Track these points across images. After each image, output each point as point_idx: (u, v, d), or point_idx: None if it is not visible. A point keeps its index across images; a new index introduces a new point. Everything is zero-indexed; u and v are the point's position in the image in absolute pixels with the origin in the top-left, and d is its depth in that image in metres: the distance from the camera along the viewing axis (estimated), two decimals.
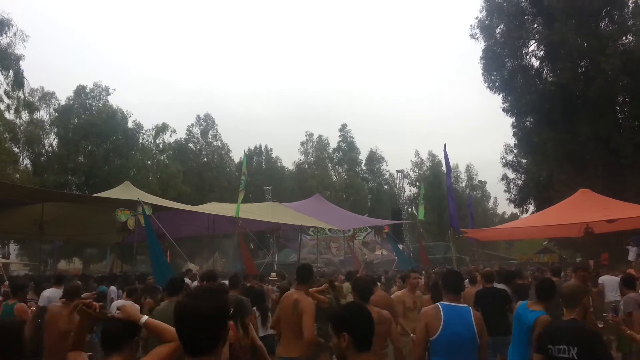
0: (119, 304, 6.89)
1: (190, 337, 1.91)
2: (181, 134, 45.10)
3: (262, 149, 52.24)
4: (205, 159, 45.50)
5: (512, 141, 29.54)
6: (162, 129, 38.60)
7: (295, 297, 4.99)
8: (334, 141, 56.36)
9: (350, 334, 2.27)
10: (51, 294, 7.45)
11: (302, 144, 55.87)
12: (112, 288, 11.75)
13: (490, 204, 63.87)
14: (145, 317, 2.49)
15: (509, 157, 30.56)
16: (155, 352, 2.35)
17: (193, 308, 1.91)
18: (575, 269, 6.76)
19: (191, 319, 1.90)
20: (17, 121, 30.98)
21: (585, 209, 14.56)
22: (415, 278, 6.94)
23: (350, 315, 2.36)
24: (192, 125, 47.09)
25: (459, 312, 3.79)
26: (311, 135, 56.15)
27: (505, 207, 59.72)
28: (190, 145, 46.25)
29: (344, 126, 56.66)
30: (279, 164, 52.70)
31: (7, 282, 10.36)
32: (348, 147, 56.11)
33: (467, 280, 10.32)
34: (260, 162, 51.03)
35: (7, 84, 23.55)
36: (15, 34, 22.99)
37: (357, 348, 2.26)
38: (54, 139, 34.22)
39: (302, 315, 4.81)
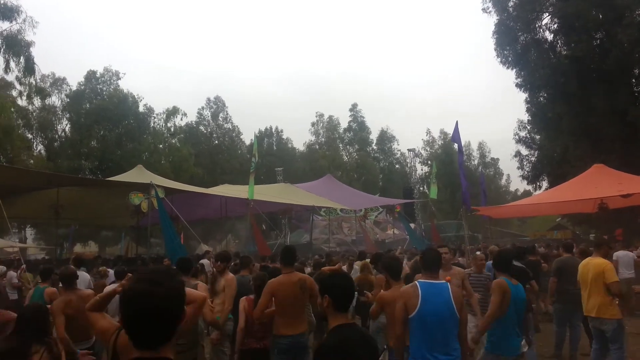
0: (114, 286, 6.96)
1: (142, 328, 1.62)
2: (192, 117, 45.24)
3: (273, 130, 52.17)
4: (217, 142, 45.63)
5: (525, 117, 29.19)
6: (173, 112, 38.69)
7: (298, 277, 5.14)
8: (344, 121, 56.14)
9: (330, 296, 2.68)
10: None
11: (313, 124, 55.71)
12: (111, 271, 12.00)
13: (503, 181, 63.41)
14: None
15: (522, 134, 30.22)
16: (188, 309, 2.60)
17: (147, 293, 1.62)
18: (598, 244, 6.49)
19: (144, 307, 1.61)
20: (30, 107, 31.24)
21: (600, 184, 14.40)
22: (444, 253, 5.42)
23: (332, 281, 2.77)
24: (203, 108, 47.17)
25: (437, 288, 3.83)
26: (322, 115, 55.93)
27: (518, 184, 59.45)
28: (201, 128, 46.33)
29: (354, 106, 56.29)
30: (289, 145, 52.67)
31: (24, 266, 10.54)
32: (359, 126, 55.79)
33: None
34: (271, 144, 51.00)
35: (19, 71, 23.59)
36: (24, 20, 22.94)
37: (336, 308, 2.67)
38: (67, 124, 34.52)
39: (313, 290, 4.95)
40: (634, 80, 23.41)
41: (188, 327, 3.88)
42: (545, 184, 28.57)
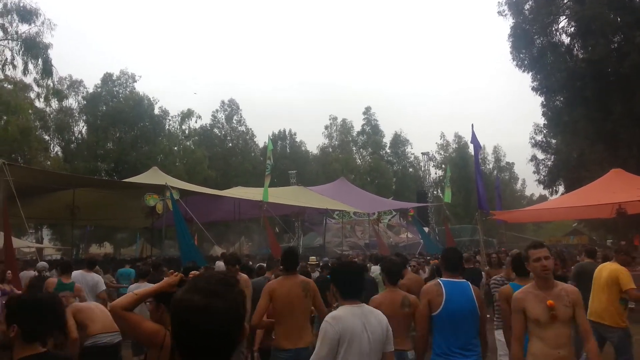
0: (134, 287, 6.96)
1: (197, 348, 1.36)
2: (206, 120, 45.52)
3: (287, 133, 52.26)
4: (230, 144, 45.82)
5: (541, 121, 28.92)
6: (187, 115, 39.00)
7: (300, 279, 4.59)
8: (358, 124, 56.10)
9: (19, 325, 2.33)
10: (80, 275, 7.65)
11: (326, 127, 55.79)
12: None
13: (519, 185, 62.83)
14: None
15: (538, 137, 29.97)
16: None
17: (203, 308, 1.36)
18: (617, 251, 6.23)
19: (200, 325, 1.35)
20: (47, 109, 31.58)
21: (618, 189, 14.19)
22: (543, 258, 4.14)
23: (19, 307, 2.42)
24: (217, 110, 47.43)
25: (460, 287, 3.91)
26: (335, 118, 56.02)
27: (533, 188, 58.77)
28: (215, 130, 46.58)
29: (367, 109, 56.26)
30: (303, 148, 52.72)
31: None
32: (372, 130, 55.70)
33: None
34: (284, 147, 51.09)
35: (37, 73, 23.87)
36: (43, 22, 23.21)
37: (26, 340, 2.31)
38: (83, 127, 34.93)
39: (315, 298, 4.56)
40: None
41: None
42: (561, 189, 28.31)
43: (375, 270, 9.64)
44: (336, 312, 3.02)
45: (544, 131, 29.53)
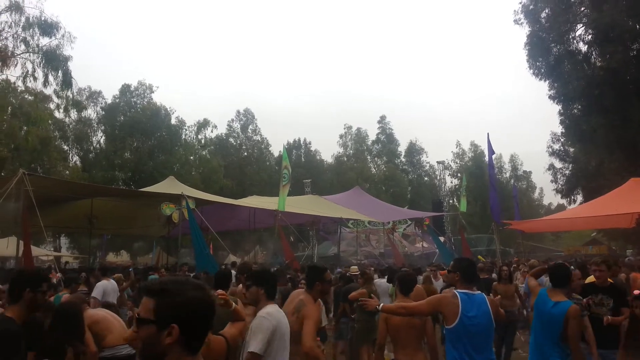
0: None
1: (205, 334, 1.74)
2: (222, 129, 45.85)
3: (301, 142, 52.39)
4: (246, 154, 46.04)
5: (559, 129, 28.59)
6: (203, 124, 39.33)
7: (301, 297, 4.27)
8: (372, 133, 56.07)
9: None
10: (104, 286, 7.79)
11: (341, 136, 55.80)
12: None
13: (536, 194, 61.94)
14: (234, 304, 3.12)
15: (556, 146, 29.61)
16: (237, 325, 3.08)
17: (213, 300, 1.77)
18: (594, 263, 5.84)
19: (212, 313, 1.74)
20: (67, 120, 32.14)
21: (638, 199, 13.96)
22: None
23: None
24: (232, 120, 47.72)
25: (476, 299, 3.84)
26: (350, 127, 56.02)
27: (551, 197, 58.01)
28: (231, 140, 46.85)
29: (382, 118, 56.30)
30: (318, 157, 52.71)
31: (58, 274, 10.77)
32: (387, 139, 55.64)
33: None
34: (299, 156, 51.15)
35: (57, 84, 24.26)
36: (63, 35, 23.60)
37: None
38: (102, 137, 35.41)
39: (304, 321, 4.07)
40: None
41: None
42: (579, 198, 27.93)
43: (377, 282, 9.22)
44: (268, 309, 3.46)
45: (562, 140, 29.20)
